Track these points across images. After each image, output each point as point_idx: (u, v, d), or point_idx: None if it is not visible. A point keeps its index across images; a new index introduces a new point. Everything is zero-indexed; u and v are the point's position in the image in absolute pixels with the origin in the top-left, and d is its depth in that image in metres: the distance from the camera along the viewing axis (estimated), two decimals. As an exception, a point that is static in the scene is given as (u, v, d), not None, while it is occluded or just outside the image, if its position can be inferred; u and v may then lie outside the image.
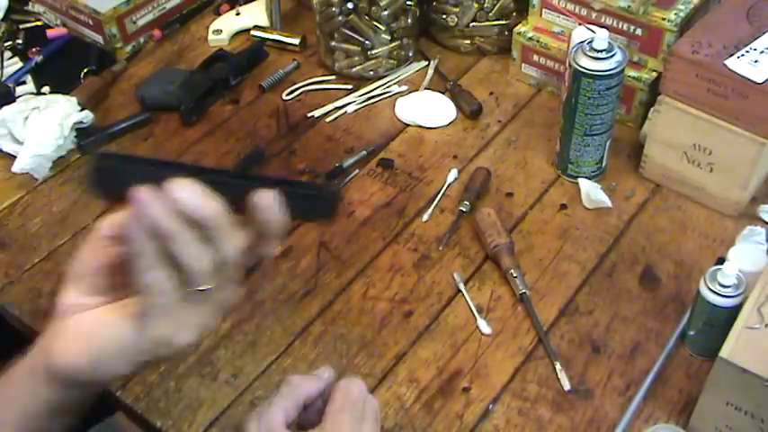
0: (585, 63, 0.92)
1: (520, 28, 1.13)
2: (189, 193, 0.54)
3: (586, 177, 1.01)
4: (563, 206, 1.00)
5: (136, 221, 0.54)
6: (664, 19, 1.00)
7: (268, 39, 1.26)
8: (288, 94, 1.18)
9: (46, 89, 1.18)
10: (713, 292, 0.77)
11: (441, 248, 0.96)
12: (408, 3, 1.15)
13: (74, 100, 1.12)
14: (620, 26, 1.03)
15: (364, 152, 1.08)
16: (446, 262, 0.95)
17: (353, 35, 1.16)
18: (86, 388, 0.64)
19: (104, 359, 0.60)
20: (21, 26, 1.31)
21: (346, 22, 1.15)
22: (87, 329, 0.60)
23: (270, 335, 0.89)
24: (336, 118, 1.14)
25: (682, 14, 1.00)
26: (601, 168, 1.02)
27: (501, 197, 1.02)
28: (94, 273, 0.61)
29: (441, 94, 1.16)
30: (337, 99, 1.17)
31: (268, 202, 0.57)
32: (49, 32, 1.30)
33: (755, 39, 0.90)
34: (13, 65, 1.24)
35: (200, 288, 0.57)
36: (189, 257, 0.55)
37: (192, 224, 0.55)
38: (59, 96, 1.13)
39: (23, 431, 0.66)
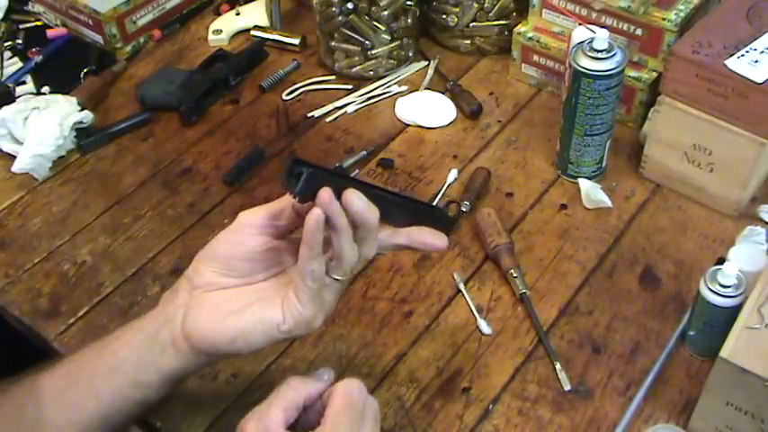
0: (585, 63, 0.92)
1: (520, 28, 1.13)
2: (358, 200, 0.64)
3: (586, 177, 1.01)
4: (563, 206, 1.00)
5: (314, 217, 0.63)
6: (664, 19, 1.00)
7: (268, 39, 1.26)
8: (288, 94, 1.18)
9: (46, 89, 1.18)
10: (713, 292, 0.77)
11: (441, 248, 0.96)
12: (408, 3, 1.15)
13: (74, 100, 1.12)
14: (620, 26, 1.03)
15: (364, 152, 1.08)
16: (446, 262, 0.95)
17: (353, 35, 1.16)
18: (214, 358, 0.72)
19: (248, 337, 0.67)
20: (21, 26, 1.31)
21: (346, 22, 1.14)
22: (231, 308, 0.67)
23: (270, 335, 0.89)
24: (336, 118, 1.14)
25: (682, 14, 1.00)
26: (601, 168, 1.02)
27: (501, 197, 1.02)
28: (235, 257, 0.68)
29: (441, 94, 1.16)
30: (337, 99, 1.17)
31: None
32: (49, 32, 1.30)
33: (755, 39, 0.90)
34: (13, 65, 1.24)
35: (337, 278, 0.67)
36: (347, 250, 0.65)
37: (353, 225, 0.65)
38: (59, 96, 1.13)
39: (124, 401, 0.70)
